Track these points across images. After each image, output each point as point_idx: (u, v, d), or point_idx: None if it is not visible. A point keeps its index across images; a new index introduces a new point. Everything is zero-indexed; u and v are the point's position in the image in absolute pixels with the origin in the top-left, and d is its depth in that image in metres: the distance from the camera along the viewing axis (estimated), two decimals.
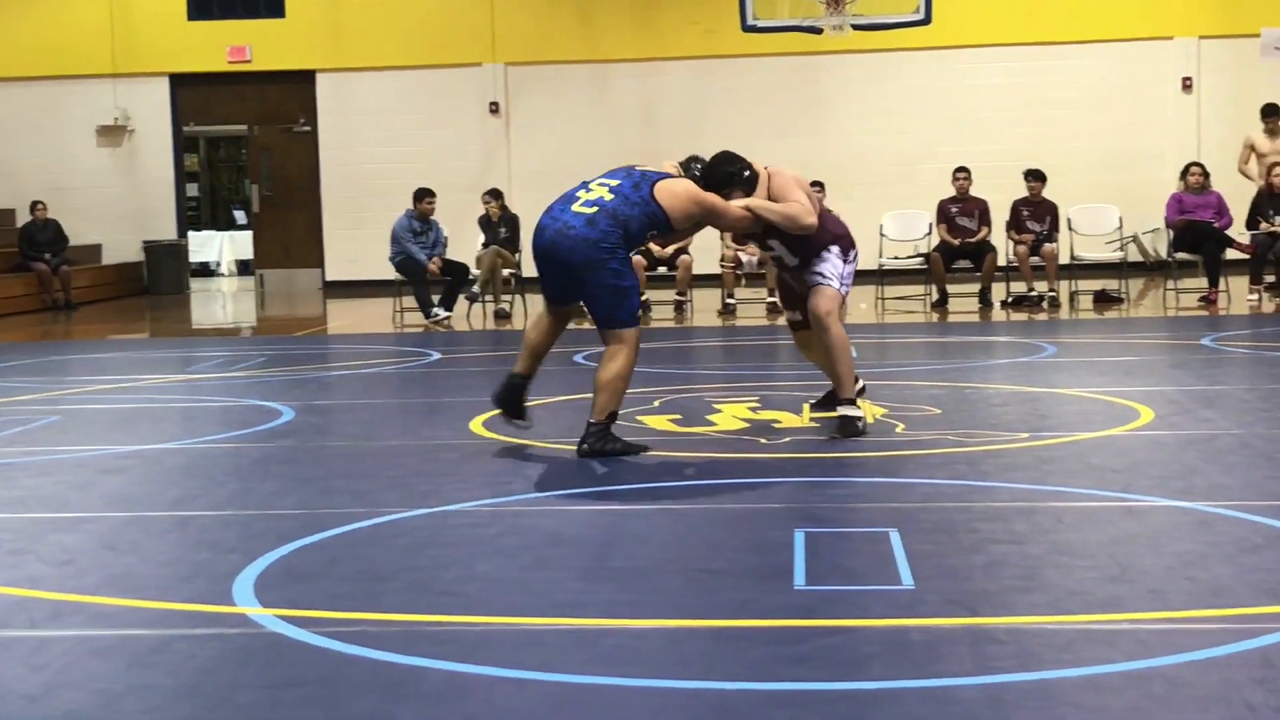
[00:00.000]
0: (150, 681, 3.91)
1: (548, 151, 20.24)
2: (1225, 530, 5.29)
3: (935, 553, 5.01)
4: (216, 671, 3.99)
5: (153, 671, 3.99)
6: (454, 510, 5.94)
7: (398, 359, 12.20)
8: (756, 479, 6.50)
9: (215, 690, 3.84)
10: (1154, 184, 18.49)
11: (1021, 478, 6.35)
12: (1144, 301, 16.17)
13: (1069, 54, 19.55)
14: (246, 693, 3.81)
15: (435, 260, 15.60)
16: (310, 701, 3.73)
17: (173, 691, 3.83)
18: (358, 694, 3.75)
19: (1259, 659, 3.81)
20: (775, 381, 10.00)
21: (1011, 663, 3.84)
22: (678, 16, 20.13)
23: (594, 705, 3.67)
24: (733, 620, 4.30)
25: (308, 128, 21.03)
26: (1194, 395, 8.61)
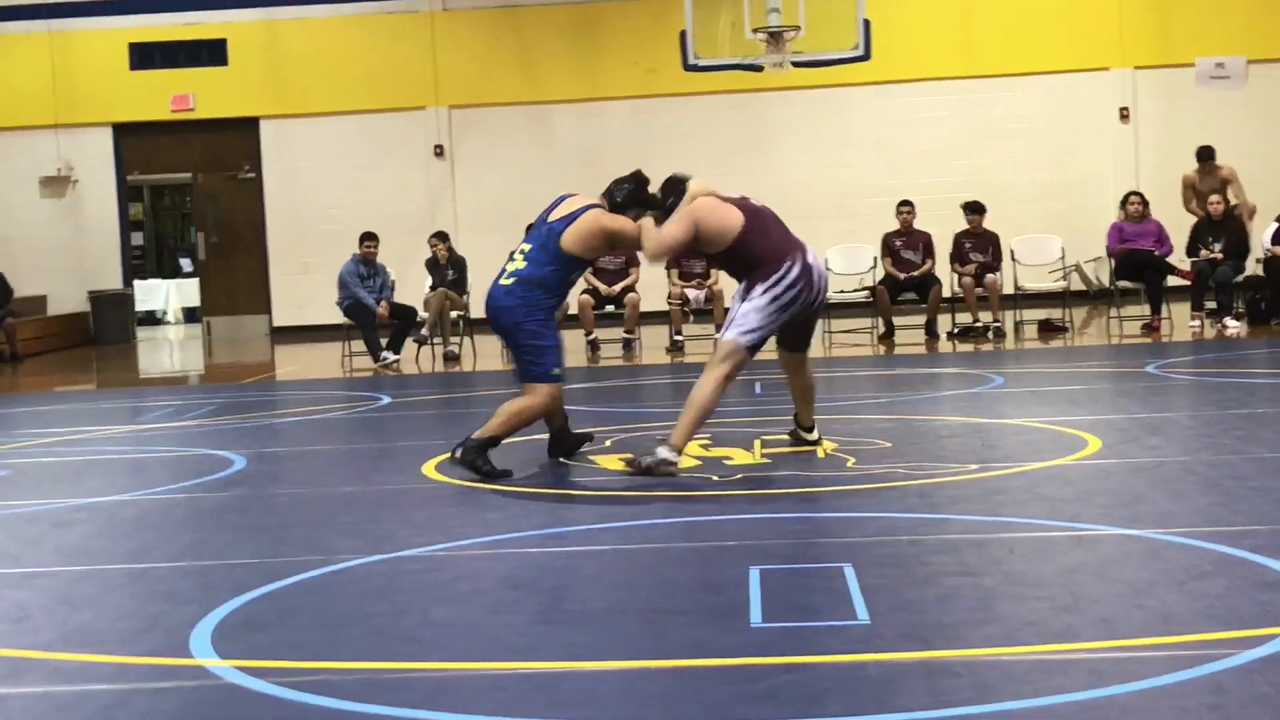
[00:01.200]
0: None
1: (493, 192, 20.29)
2: (1174, 558, 5.36)
3: (890, 586, 5.05)
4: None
5: None
6: (409, 555, 5.94)
7: (348, 404, 12.18)
8: (710, 516, 6.53)
9: None
10: (1094, 213, 18.72)
11: (973, 509, 6.41)
12: (1088, 330, 16.33)
13: (1007, 86, 19.78)
14: None
15: (383, 304, 15.60)
16: None
17: None
18: None
19: (1210, 685, 3.87)
20: (726, 418, 10.04)
21: (968, 695, 3.88)
22: (618, 57, 20.25)
23: None
24: (690, 660, 4.33)
25: (252, 174, 21.00)
26: (1140, 423, 8.71)
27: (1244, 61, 18.18)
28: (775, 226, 7.72)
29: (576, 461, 8.19)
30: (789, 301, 7.52)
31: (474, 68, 20.46)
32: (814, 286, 7.60)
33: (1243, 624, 4.40)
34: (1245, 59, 18.23)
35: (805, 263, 7.56)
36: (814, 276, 7.59)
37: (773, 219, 7.77)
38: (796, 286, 7.52)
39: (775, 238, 7.62)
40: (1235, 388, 10.49)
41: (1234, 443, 7.78)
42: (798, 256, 7.55)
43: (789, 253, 7.55)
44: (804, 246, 7.68)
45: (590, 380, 13.52)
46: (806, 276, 7.54)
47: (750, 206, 7.77)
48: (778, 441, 8.55)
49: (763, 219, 7.69)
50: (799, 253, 7.58)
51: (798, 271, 7.51)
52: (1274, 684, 3.83)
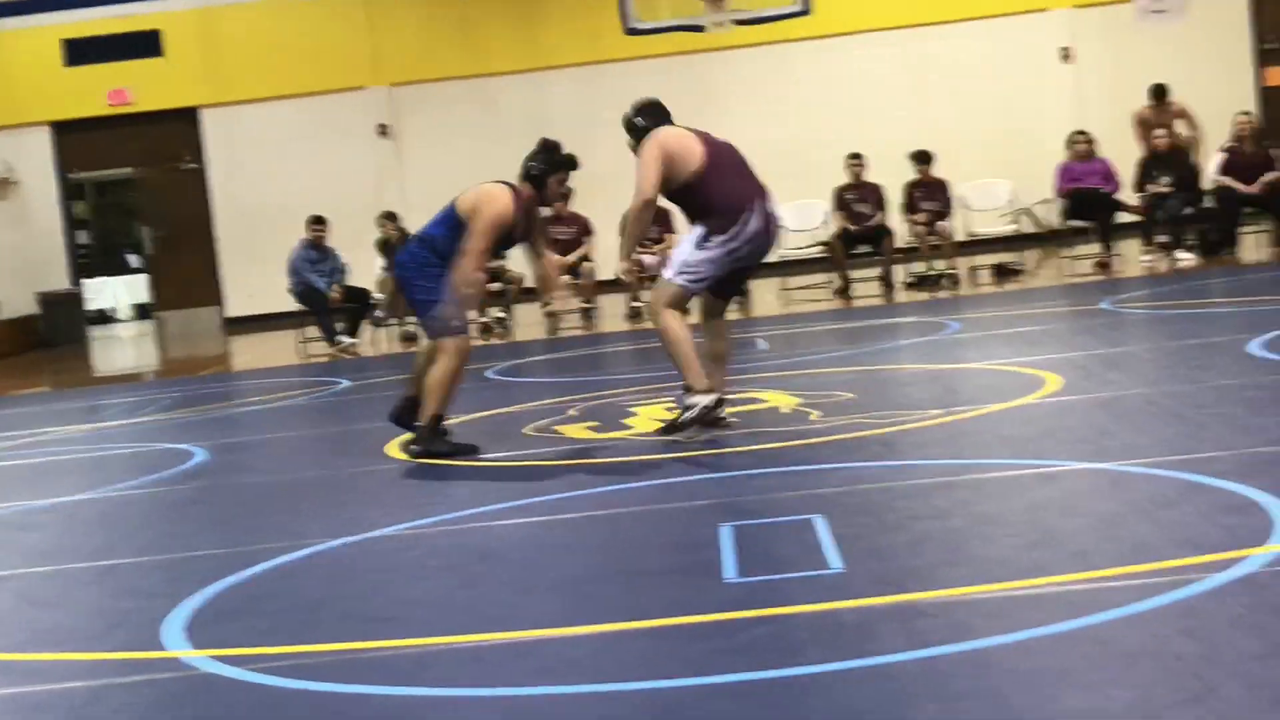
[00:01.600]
0: None
1: (440, 169, 20.17)
2: (1140, 488, 5.39)
3: (860, 534, 5.06)
4: (153, 717, 3.95)
5: None
6: (378, 536, 5.91)
7: (306, 390, 12.12)
8: (679, 478, 6.53)
9: None
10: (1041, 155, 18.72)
11: (938, 453, 6.43)
12: (1041, 271, 16.39)
13: (948, 33, 19.77)
14: None
15: (336, 287, 15.52)
16: None
17: None
18: None
19: (1183, 610, 3.89)
20: None
21: (944, 635, 3.89)
22: (560, 25, 20.15)
23: (538, 715, 3.68)
24: (666, 619, 4.32)
25: (195, 165, 20.83)
26: (1098, 359, 8.75)
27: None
28: (735, 169, 7.44)
29: (541, 433, 8.17)
30: (745, 255, 7.37)
31: (413, 44, 20.33)
32: (770, 235, 7.41)
33: (1212, 548, 4.43)
34: None
35: (765, 212, 7.34)
36: (772, 228, 7.40)
37: (732, 161, 7.49)
38: (754, 241, 7.33)
39: (734, 184, 7.35)
40: (1190, 319, 10.55)
41: (1192, 372, 7.82)
42: (756, 206, 7.31)
43: (748, 202, 7.29)
44: (763, 192, 7.42)
45: (551, 351, 13.50)
46: (766, 228, 7.34)
47: (713, 144, 7.47)
48: (741, 400, 8.54)
49: (723, 159, 7.42)
50: (758, 201, 7.33)
51: (756, 225, 7.30)
52: (1245, 605, 3.86)
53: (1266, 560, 4.24)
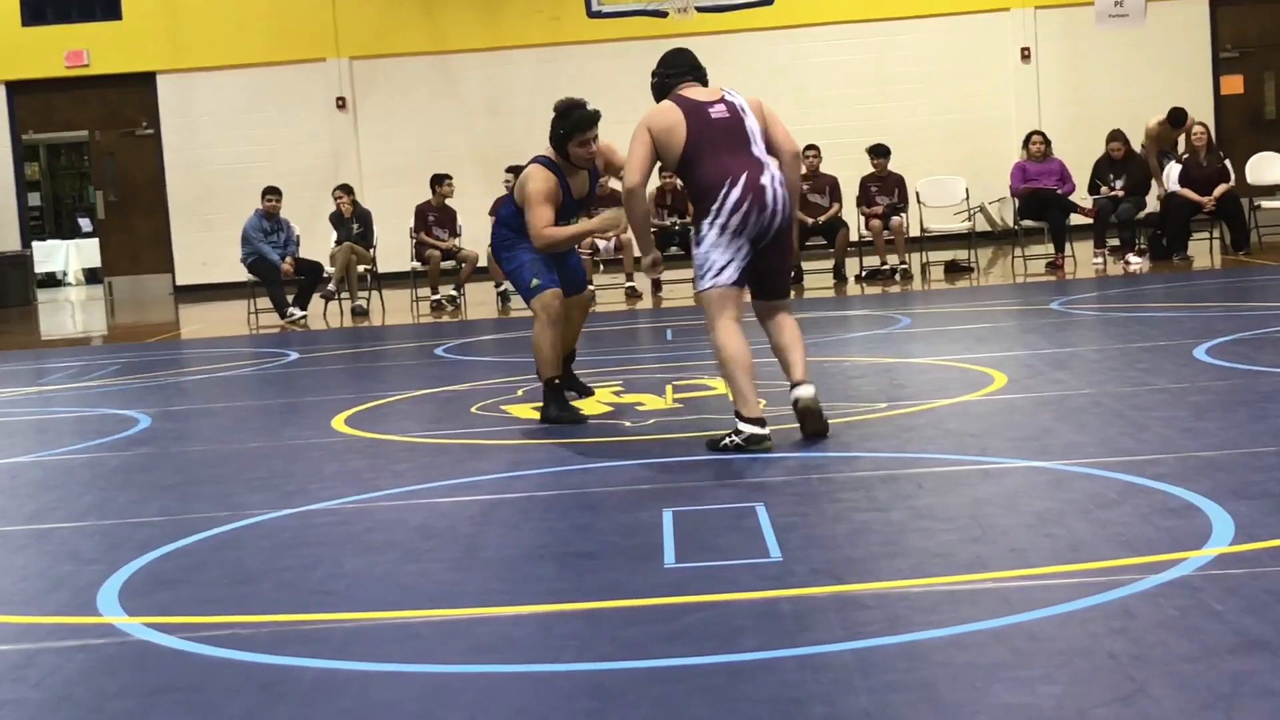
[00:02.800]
0: (19, 695, 3.84)
1: (397, 145, 20.11)
2: (1080, 487, 5.43)
3: (801, 524, 5.07)
4: (85, 682, 3.93)
5: (20, 686, 3.91)
6: (319, 509, 5.89)
7: (255, 361, 12.05)
8: (623, 461, 6.53)
9: (86, 701, 3.78)
10: (998, 154, 18.85)
11: (882, 446, 6.45)
12: (993, 270, 16.48)
13: (909, 29, 19.83)
14: (117, 701, 3.76)
15: (288, 259, 15.44)
16: (182, 707, 3.69)
17: (42, 704, 3.77)
18: (230, 697, 3.72)
19: (1118, 610, 3.92)
20: (638, 365, 10.05)
21: (880, 626, 3.91)
22: (522, 6, 20.08)
23: (470, 693, 3.67)
24: (605, 602, 4.33)
25: (150, 131, 20.68)
26: (1045, 358, 8.81)
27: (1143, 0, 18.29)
28: (725, 146, 6.67)
29: (488, 411, 8.16)
30: (739, 226, 6.57)
31: (375, 18, 20.22)
32: (766, 206, 6.57)
33: (1149, 550, 4.46)
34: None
35: (751, 180, 6.58)
36: (767, 197, 6.58)
37: (726, 135, 6.70)
38: (741, 209, 6.55)
39: (714, 162, 6.63)
40: (1138, 322, 10.63)
41: (1138, 375, 7.88)
42: (741, 177, 6.57)
43: (727, 174, 6.58)
44: (758, 167, 6.63)
45: (501, 331, 13.48)
46: (754, 195, 6.55)
47: (701, 122, 6.72)
48: (689, 387, 8.56)
49: (707, 138, 6.68)
50: (744, 173, 6.58)
51: (739, 193, 6.55)
52: (1179, 607, 3.89)
53: (1202, 563, 4.28)
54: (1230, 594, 3.96)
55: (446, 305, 15.83)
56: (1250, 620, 3.74)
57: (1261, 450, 5.79)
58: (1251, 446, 5.91)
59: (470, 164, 19.29)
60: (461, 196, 16.86)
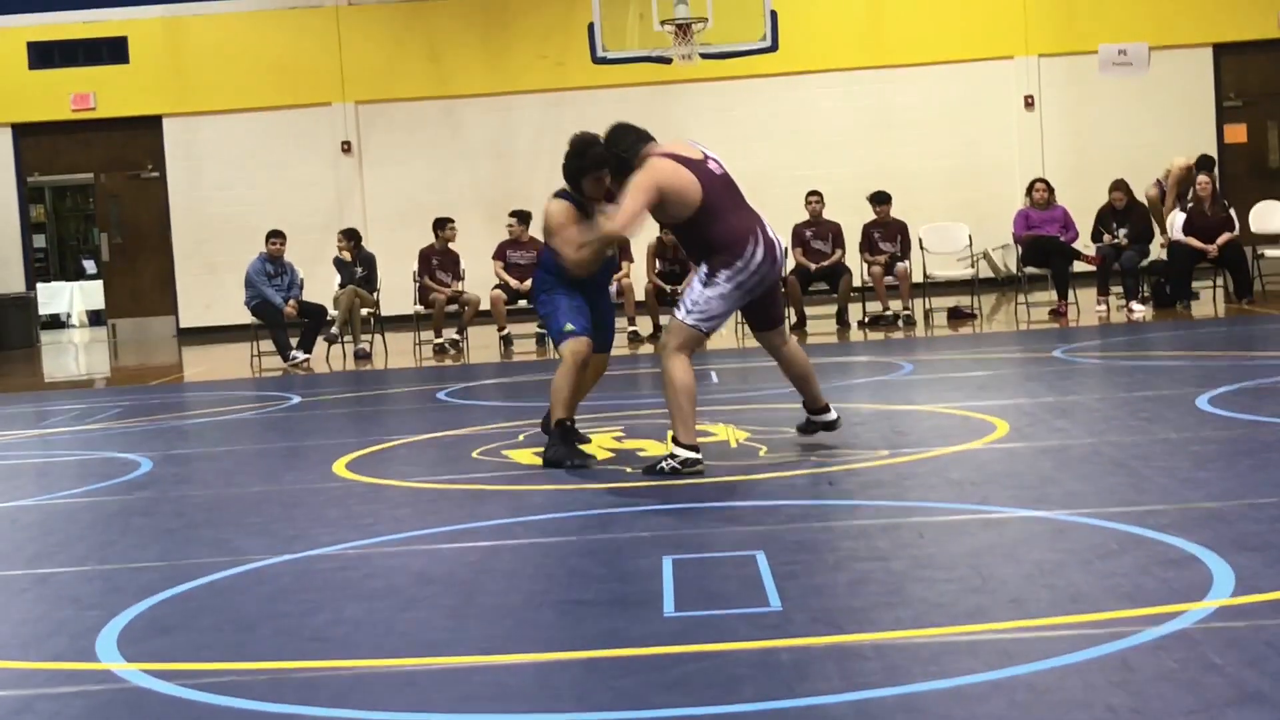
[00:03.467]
0: None
1: (402, 189, 20.18)
2: (1081, 537, 5.41)
3: (801, 573, 5.06)
4: None
5: None
6: (319, 554, 5.88)
7: (257, 404, 12.06)
8: (623, 508, 6.52)
9: None
10: (1001, 200, 18.90)
11: (883, 494, 6.44)
12: (996, 316, 16.49)
13: (913, 76, 19.92)
14: None
15: (292, 302, 15.47)
16: None
17: None
18: None
19: (1118, 662, 3.91)
20: (639, 410, 10.05)
21: (879, 678, 3.89)
22: (527, 51, 20.18)
23: None
24: (603, 650, 4.31)
25: (156, 174, 20.75)
26: (1047, 407, 8.80)
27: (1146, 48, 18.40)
28: (732, 201, 7.17)
29: (489, 456, 8.15)
30: (754, 285, 7.14)
31: (380, 62, 20.32)
32: (776, 261, 7.19)
33: (1149, 601, 4.45)
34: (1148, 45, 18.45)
35: (765, 239, 7.11)
36: (776, 252, 7.18)
37: (728, 190, 7.20)
38: (761, 270, 7.10)
39: (734, 217, 7.10)
40: (1141, 370, 10.62)
41: (1140, 424, 7.87)
42: (758, 235, 7.08)
43: (749, 232, 7.06)
44: (761, 221, 7.19)
45: (504, 375, 13.48)
46: (769, 254, 7.12)
47: (709, 178, 7.14)
48: None
49: (720, 192, 7.13)
50: (759, 229, 7.10)
51: (761, 254, 7.07)
52: (1179, 660, 3.88)
53: (1202, 616, 4.27)
54: (1230, 646, 3.94)
55: (449, 349, 15.85)
56: (1250, 673, 3.72)
57: (1263, 501, 5.78)
58: (1253, 497, 5.89)
59: (474, 207, 19.35)
60: (465, 239, 16.90)
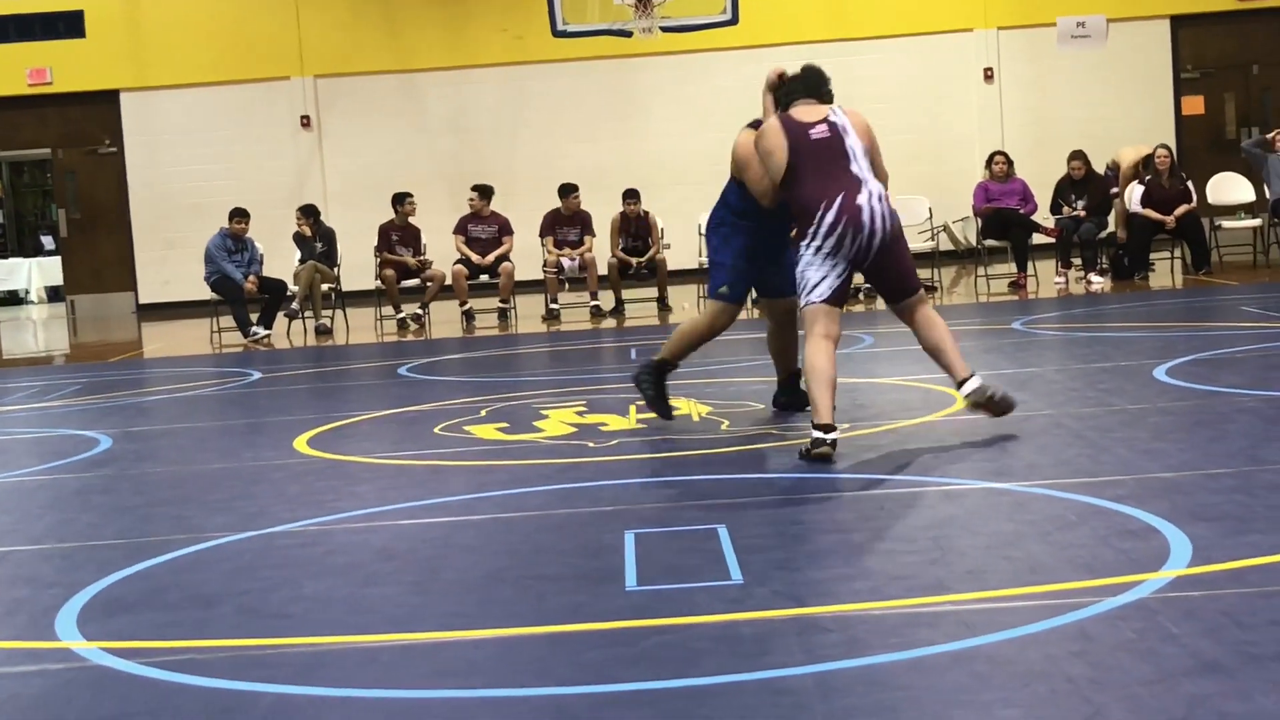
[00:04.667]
0: None
1: (361, 163, 20.09)
2: (1040, 509, 5.45)
3: (763, 546, 5.08)
4: (42, 708, 3.90)
5: None
6: (281, 531, 5.87)
7: (217, 380, 12.01)
8: (585, 483, 6.53)
9: None
10: (961, 173, 18.95)
11: (843, 467, 6.46)
12: (956, 289, 16.55)
13: (873, 49, 19.92)
14: None
15: (252, 279, 15.40)
16: None
17: None
18: None
19: (1076, 632, 3.94)
20: (601, 385, 10.05)
21: (839, 650, 3.92)
22: (487, 24, 20.10)
23: (431, 719, 3.66)
24: (566, 625, 4.33)
25: (114, 149, 20.60)
26: (1007, 378, 8.81)
27: (1104, 21, 18.44)
28: (823, 167, 6.87)
29: (451, 432, 8.14)
30: (833, 248, 6.78)
31: (339, 37, 20.20)
32: (863, 228, 6.76)
33: (1107, 572, 4.49)
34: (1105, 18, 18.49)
35: (846, 203, 6.75)
36: (863, 217, 6.75)
37: (826, 155, 6.90)
38: (835, 232, 6.75)
39: (812, 184, 6.83)
40: (1100, 342, 10.68)
41: (1099, 395, 7.92)
42: (835, 199, 6.75)
43: (824, 197, 6.77)
44: (854, 186, 6.81)
45: (465, 350, 13.46)
46: (849, 218, 6.73)
47: (801, 142, 6.90)
48: None
49: (807, 157, 6.88)
50: (840, 195, 6.76)
51: (833, 217, 6.73)
52: (1137, 630, 3.91)
53: (1160, 585, 4.31)
54: (1188, 617, 3.98)
55: (411, 324, 15.81)
56: (1206, 643, 3.76)
57: (1219, 472, 5.83)
58: (1210, 468, 5.94)
59: (435, 182, 19.28)
60: (426, 215, 16.85)
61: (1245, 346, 9.73)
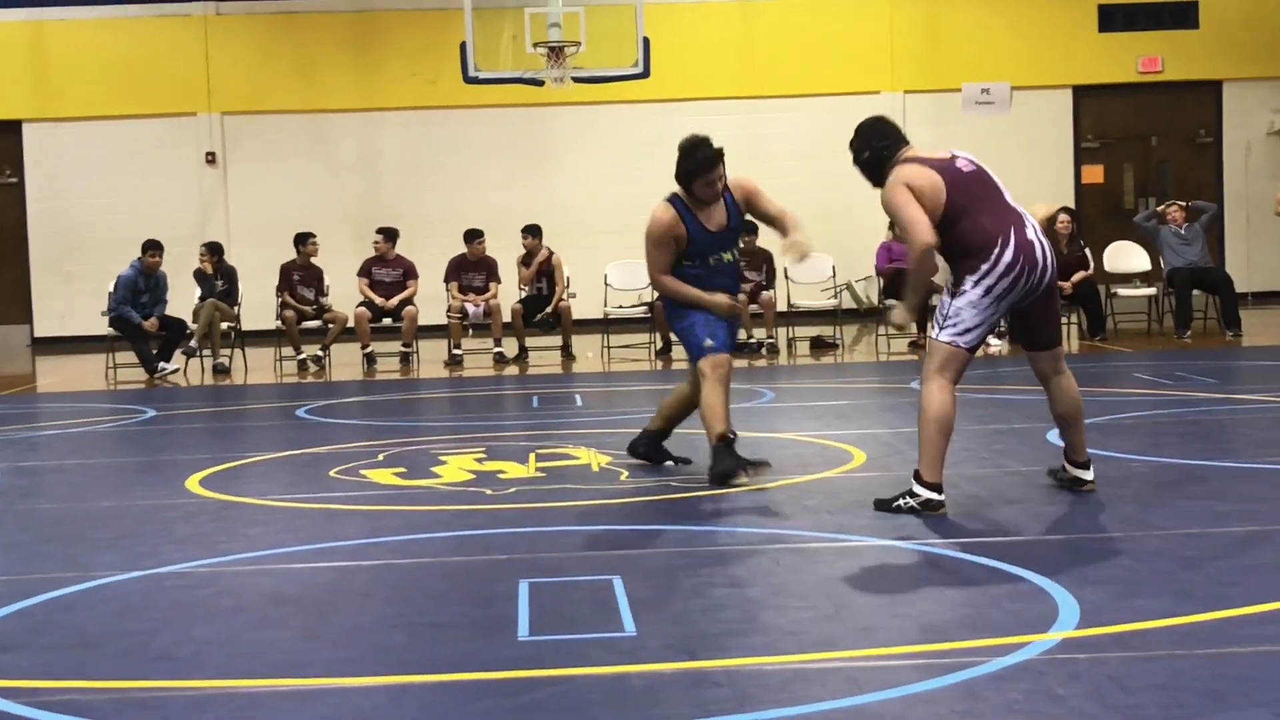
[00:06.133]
0: None
1: (267, 202, 19.94)
2: (933, 568, 5.49)
3: (657, 598, 5.08)
4: None
5: None
6: (168, 572, 5.78)
7: (112, 417, 11.83)
8: (481, 530, 6.49)
9: None
10: (865, 232, 19.11)
11: (741, 521, 6.48)
12: (857, 347, 16.69)
13: (782, 107, 20.11)
14: None
15: (152, 319, 15.24)
16: None
17: None
18: None
19: (964, 692, 3.97)
20: (501, 432, 10.02)
21: (729, 705, 3.91)
22: (399, 68, 20.06)
23: None
24: (457, 674, 4.29)
25: (14, 179, 20.29)
26: (904, 437, 8.91)
27: (1008, 88, 18.79)
28: (983, 199, 6.54)
29: (347, 475, 8.07)
30: (1005, 290, 6.45)
31: (248, 74, 20.08)
32: (1037, 265, 6.47)
33: (996, 632, 4.52)
34: (1009, 85, 18.85)
35: (1021, 240, 6.45)
36: (1036, 254, 6.47)
37: (980, 190, 6.58)
38: (1013, 272, 6.41)
39: (982, 218, 6.47)
40: (996, 404, 10.80)
41: (993, 457, 8.01)
42: (1010, 235, 6.44)
43: (997, 235, 6.43)
44: (1020, 219, 6.55)
45: (365, 393, 13.36)
46: (1026, 258, 6.43)
47: (955, 175, 6.54)
48: (552, 455, 8.55)
49: (967, 190, 6.52)
50: (1011, 230, 6.46)
51: (1011, 255, 6.40)
52: (1023, 691, 3.94)
53: (1047, 647, 4.35)
54: (1073, 679, 4.02)
55: (311, 365, 15.68)
56: (1091, 705, 3.80)
57: (1108, 536, 5.91)
58: (1099, 532, 6.03)
59: (341, 223, 19.18)
60: (332, 256, 16.76)
61: (1137, 412, 9.89)
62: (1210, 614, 4.65)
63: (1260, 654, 4.21)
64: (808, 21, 20.10)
